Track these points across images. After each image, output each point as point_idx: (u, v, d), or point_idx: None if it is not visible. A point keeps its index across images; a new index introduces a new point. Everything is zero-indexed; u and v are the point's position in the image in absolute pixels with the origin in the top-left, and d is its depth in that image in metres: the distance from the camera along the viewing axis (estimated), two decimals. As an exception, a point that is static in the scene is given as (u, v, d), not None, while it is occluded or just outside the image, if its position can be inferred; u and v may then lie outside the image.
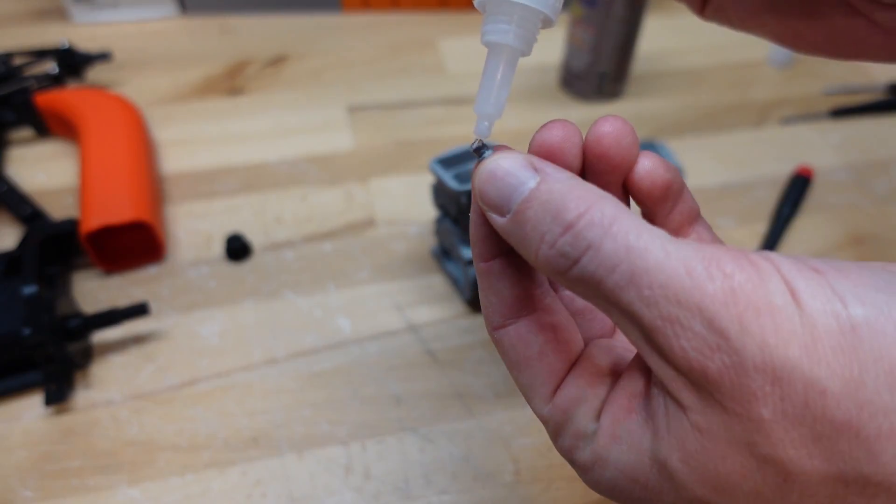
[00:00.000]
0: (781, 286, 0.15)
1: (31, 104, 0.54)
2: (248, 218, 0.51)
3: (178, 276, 0.47)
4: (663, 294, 0.15)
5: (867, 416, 0.14)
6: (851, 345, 0.14)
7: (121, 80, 0.63)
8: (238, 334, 0.43)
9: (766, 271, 0.15)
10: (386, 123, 0.59)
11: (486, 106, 0.19)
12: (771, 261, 0.16)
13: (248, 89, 0.62)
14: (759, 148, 0.58)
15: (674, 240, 0.16)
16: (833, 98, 0.63)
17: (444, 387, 0.41)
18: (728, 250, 0.16)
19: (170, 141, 0.57)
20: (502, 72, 0.19)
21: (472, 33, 0.70)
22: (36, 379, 0.40)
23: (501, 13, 0.19)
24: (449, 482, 0.37)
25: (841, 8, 0.24)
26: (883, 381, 0.14)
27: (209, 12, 0.71)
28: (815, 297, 0.15)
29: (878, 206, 0.53)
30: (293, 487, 0.36)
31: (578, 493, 0.36)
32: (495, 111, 0.19)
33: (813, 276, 0.15)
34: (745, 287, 0.15)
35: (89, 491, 0.36)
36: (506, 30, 0.19)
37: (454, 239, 0.42)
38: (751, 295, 0.15)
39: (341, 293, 0.46)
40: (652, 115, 0.61)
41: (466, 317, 0.45)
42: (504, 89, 0.19)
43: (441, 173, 0.39)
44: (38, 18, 0.70)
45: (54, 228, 0.45)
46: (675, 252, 0.16)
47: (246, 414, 0.39)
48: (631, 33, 0.57)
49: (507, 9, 0.19)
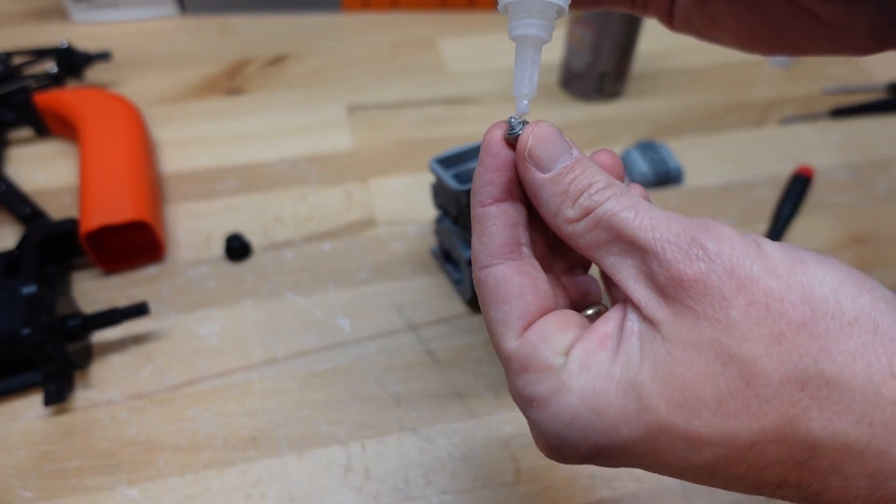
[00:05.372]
0: (750, 236, 0.19)
1: (31, 104, 0.54)
2: (247, 218, 0.51)
3: (178, 276, 0.47)
4: (662, 222, 0.19)
5: (819, 317, 0.17)
6: (802, 269, 0.18)
7: (120, 80, 0.63)
8: (238, 334, 0.43)
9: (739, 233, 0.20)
10: (386, 123, 0.59)
11: (523, 87, 0.23)
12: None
13: (247, 89, 0.62)
14: (760, 148, 0.58)
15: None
16: (833, 98, 0.63)
17: (444, 387, 0.41)
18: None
19: (169, 141, 0.57)
20: (531, 58, 0.23)
21: (472, 33, 0.70)
22: (35, 379, 0.40)
23: (524, 10, 0.22)
24: (449, 482, 0.37)
25: (788, 7, 0.27)
26: (829, 292, 0.18)
27: (209, 12, 0.71)
28: (772, 244, 0.19)
29: (878, 206, 0.53)
30: (293, 487, 0.36)
31: (579, 493, 0.36)
32: (530, 91, 0.23)
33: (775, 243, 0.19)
34: (721, 228, 0.19)
35: (89, 491, 0.36)
36: (529, 23, 0.22)
37: (454, 239, 0.42)
38: (724, 230, 0.19)
39: (341, 293, 0.46)
40: (652, 114, 0.61)
41: (466, 317, 0.44)
42: (535, 72, 0.23)
43: (441, 173, 0.39)
44: (38, 18, 0.70)
45: (54, 228, 0.44)
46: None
47: (246, 414, 0.39)
48: (631, 33, 0.57)
49: (529, 5, 0.22)
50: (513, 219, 0.22)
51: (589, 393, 0.19)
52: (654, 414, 0.18)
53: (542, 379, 0.20)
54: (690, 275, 0.18)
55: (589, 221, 0.21)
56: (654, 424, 0.18)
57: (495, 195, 0.22)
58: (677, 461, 0.19)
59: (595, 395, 0.19)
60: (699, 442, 0.18)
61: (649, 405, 0.18)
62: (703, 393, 0.18)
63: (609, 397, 0.19)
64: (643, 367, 0.19)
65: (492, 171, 0.22)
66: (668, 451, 0.19)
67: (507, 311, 0.21)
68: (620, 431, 0.19)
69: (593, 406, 0.19)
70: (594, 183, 0.21)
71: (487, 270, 0.22)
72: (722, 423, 0.18)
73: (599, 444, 0.19)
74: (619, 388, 0.19)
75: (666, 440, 0.18)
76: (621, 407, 0.19)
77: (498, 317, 0.21)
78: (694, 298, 0.18)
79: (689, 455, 0.18)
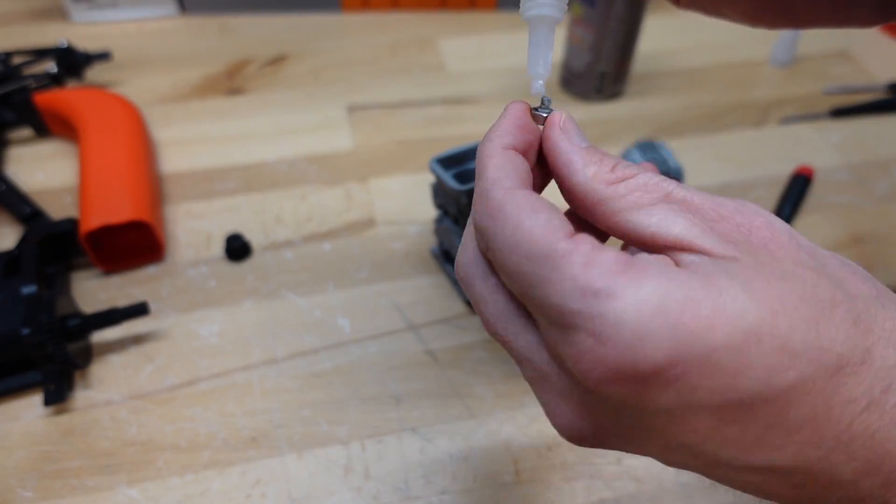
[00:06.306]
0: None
1: (31, 104, 0.54)
2: (247, 218, 0.51)
3: (178, 276, 0.47)
4: (704, 193, 0.20)
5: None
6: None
7: (120, 80, 0.63)
8: (237, 334, 0.43)
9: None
10: (386, 123, 0.59)
11: (538, 68, 0.23)
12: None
13: (247, 89, 0.62)
14: (760, 147, 0.58)
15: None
16: (833, 98, 0.63)
17: (444, 387, 0.41)
18: None
19: (169, 141, 0.57)
20: (546, 38, 0.23)
21: (472, 33, 0.70)
22: (35, 379, 0.40)
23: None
24: (449, 482, 0.37)
25: None
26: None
27: (209, 12, 0.71)
28: None
29: (878, 206, 0.53)
30: (293, 487, 0.36)
31: (579, 493, 0.36)
32: (545, 71, 0.23)
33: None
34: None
35: (88, 491, 0.36)
36: (543, 3, 0.23)
37: (454, 238, 0.42)
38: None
39: (341, 293, 0.46)
40: (652, 114, 0.61)
41: (466, 317, 0.44)
42: (549, 52, 0.23)
43: (441, 173, 0.39)
44: (38, 18, 0.70)
45: (53, 228, 0.44)
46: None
47: (245, 414, 0.39)
48: (631, 33, 0.57)
49: None
50: (528, 171, 0.21)
51: (676, 286, 0.17)
52: (755, 317, 0.17)
53: (615, 269, 0.17)
54: (757, 223, 0.19)
55: (631, 184, 0.21)
56: (753, 330, 0.17)
57: (515, 145, 0.22)
58: (759, 384, 0.17)
59: (685, 289, 0.17)
60: (792, 355, 0.17)
61: (749, 310, 0.17)
62: (800, 305, 0.17)
63: (700, 294, 0.17)
64: (735, 279, 0.17)
65: (514, 127, 0.22)
66: (756, 366, 0.17)
67: (551, 216, 0.19)
68: (713, 332, 0.17)
69: (684, 298, 0.17)
70: (628, 163, 0.22)
71: (514, 189, 0.20)
72: (816, 338, 0.17)
73: (686, 345, 0.17)
74: (712, 290, 0.17)
75: (759, 352, 0.17)
76: (716, 306, 0.17)
77: (540, 221, 0.19)
78: (765, 239, 0.19)
79: (776, 374, 0.17)
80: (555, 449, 0.38)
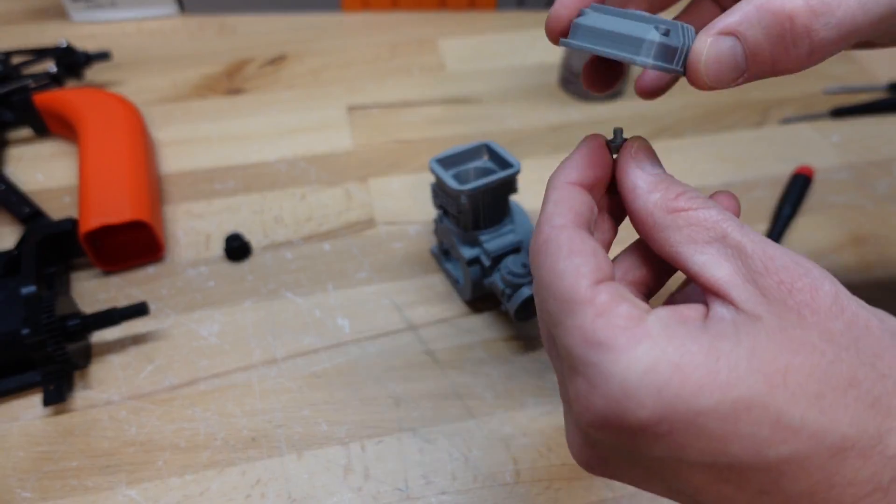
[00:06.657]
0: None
1: (30, 104, 0.54)
2: (247, 218, 0.50)
3: (178, 276, 0.46)
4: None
5: None
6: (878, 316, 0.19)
7: (120, 80, 0.63)
8: (237, 334, 0.43)
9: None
10: (386, 123, 0.59)
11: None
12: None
13: (247, 89, 0.62)
14: (760, 147, 0.58)
15: None
16: (833, 98, 0.63)
17: (443, 387, 0.41)
18: None
19: (169, 140, 0.57)
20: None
21: (472, 33, 0.70)
22: (35, 379, 0.40)
23: None
24: (449, 482, 0.37)
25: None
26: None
27: (208, 11, 0.71)
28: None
29: (878, 206, 0.53)
30: (292, 487, 0.36)
31: (578, 493, 0.36)
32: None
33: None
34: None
35: (88, 491, 0.36)
36: None
37: (454, 238, 0.42)
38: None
39: (341, 293, 0.46)
40: (652, 114, 0.61)
41: (466, 317, 0.44)
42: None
43: (441, 173, 0.39)
44: (37, 18, 0.70)
45: (53, 228, 0.44)
46: None
47: (245, 414, 0.39)
48: (631, 33, 0.57)
49: None
50: (590, 205, 0.22)
51: (674, 349, 0.18)
52: (748, 388, 0.17)
53: (620, 324, 0.18)
54: (800, 285, 0.19)
55: (690, 217, 0.21)
56: (744, 399, 0.17)
57: (580, 180, 0.23)
58: (749, 454, 0.17)
59: (681, 353, 0.18)
60: (787, 430, 0.17)
61: (743, 379, 0.17)
62: (806, 382, 0.17)
63: (697, 359, 0.17)
64: (740, 345, 0.18)
65: (582, 162, 0.23)
66: (745, 435, 0.17)
67: (581, 262, 0.20)
68: (700, 398, 0.17)
69: (677, 361, 0.18)
70: (695, 194, 0.22)
71: (562, 228, 0.21)
72: (817, 417, 0.17)
73: (670, 406, 0.17)
74: (710, 354, 0.18)
75: (749, 421, 0.17)
76: (709, 372, 0.17)
77: (571, 266, 0.20)
78: (801, 303, 0.18)
79: (767, 446, 0.17)
80: (555, 449, 0.38)
